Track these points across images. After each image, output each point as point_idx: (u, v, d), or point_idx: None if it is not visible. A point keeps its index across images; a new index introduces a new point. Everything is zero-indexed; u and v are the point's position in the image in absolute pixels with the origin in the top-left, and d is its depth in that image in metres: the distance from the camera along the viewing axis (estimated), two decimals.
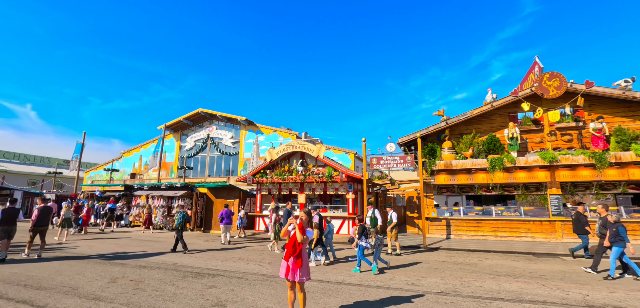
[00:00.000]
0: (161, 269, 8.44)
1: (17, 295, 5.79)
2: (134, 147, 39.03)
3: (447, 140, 14.58)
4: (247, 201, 18.43)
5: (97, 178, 38.66)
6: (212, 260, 9.97)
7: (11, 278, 6.99)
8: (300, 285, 4.94)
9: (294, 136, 33.53)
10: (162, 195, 18.49)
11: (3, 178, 35.93)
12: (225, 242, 13.62)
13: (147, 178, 37.27)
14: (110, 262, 9.34)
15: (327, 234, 10.13)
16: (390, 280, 7.72)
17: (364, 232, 8.52)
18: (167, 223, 18.45)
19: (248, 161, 34.66)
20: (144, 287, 6.61)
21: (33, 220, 10.03)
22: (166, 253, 11.01)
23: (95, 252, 11.04)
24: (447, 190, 15.26)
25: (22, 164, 42.60)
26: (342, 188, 15.77)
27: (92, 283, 6.80)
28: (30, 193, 24.66)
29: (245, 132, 35.48)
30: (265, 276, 7.90)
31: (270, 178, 16.66)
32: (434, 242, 13.24)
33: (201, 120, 37.29)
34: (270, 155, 16.96)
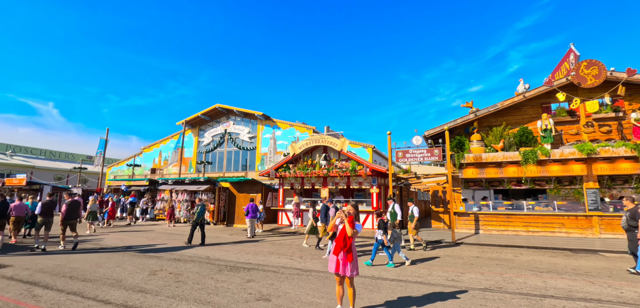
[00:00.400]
0: (195, 262, 8.50)
1: (66, 287, 5.91)
2: (154, 143, 39.77)
3: (475, 133, 14.18)
4: (269, 195, 18.48)
5: (119, 173, 39.59)
6: (242, 253, 10.01)
7: (56, 270, 7.15)
8: (350, 280, 4.84)
9: (311, 130, 33.45)
10: (186, 190, 18.73)
11: (31, 174, 37.19)
12: (250, 235, 13.70)
13: (167, 173, 37.97)
14: (145, 254, 9.49)
15: None
16: (428, 275, 7.55)
17: (385, 227, 8.50)
18: (190, 217, 18.71)
19: (265, 156, 34.84)
20: (184, 280, 6.65)
21: (63, 213, 10.41)
22: (196, 247, 11.12)
23: (126, 244, 11.26)
24: (474, 184, 14.88)
25: (48, 160, 44.12)
26: (366, 183, 15.59)
27: (134, 276, 6.89)
28: (58, 188, 25.46)
29: (262, 127, 35.62)
30: (300, 270, 7.85)
31: (292, 173, 16.63)
32: (463, 237, 12.94)
33: (218, 115, 37.63)
34: (292, 150, 16.92)
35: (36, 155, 44.38)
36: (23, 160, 39.36)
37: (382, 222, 8.56)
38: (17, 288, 5.71)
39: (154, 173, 38.31)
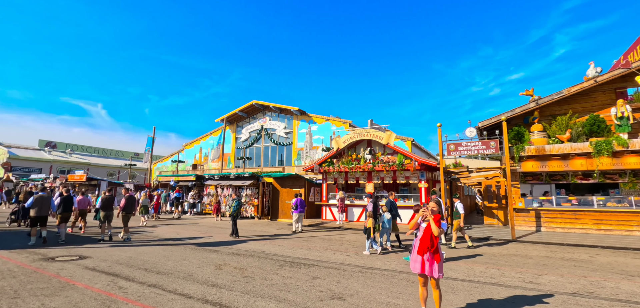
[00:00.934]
0: (254, 257, 8.59)
1: (145, 279, 6.14)
2: (194, 140, 41.42)
3: (536, 123, 13.14)
4: (311, 190, 18.47)
5: (163, 169, 41.73)
6: (296, 249, 10.01)
7: (130, 262, 7.50)
8: (436, 282, 4.55)
9: (347, 124, 33.12)
10: (231, 185, 19.21)
11: (87, 170, 40.17)
12: (296, 230, 13.76)
13: (207, 168, 39.44)
14: (204, 248, 9.76)
15: (383, 225, 9.93)
16: (501, 276, 7.05)
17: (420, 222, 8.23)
18: None
19: (301, 151, 35.04)
20: (251, 276, 6.69)
21: (121, 207, 11.18)
22: (249, 241, 11.31)
23: (180, 236, 11.69)
24: (533, 178, 13.84)
25: (101, 157, 47.58)
26: (414, 177, 15.05)
27: (202, 270, 7.05)
28: (114, 183, 27.24)
29: (297, 122, 35.81)
30: (361, 267, 7.66)
31: (336, 168, 16.45)
32: (523, 235, 12.08)
33: (255, 111, 38.36)
34: (336, 144, 16.73)
35: (91, 153, 48.00)
36: (80, 158, 42.79)
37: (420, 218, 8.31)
38: (103, 280, 6.01)
39: (195, 168, 39.95)
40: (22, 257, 7.80)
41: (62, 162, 40.36)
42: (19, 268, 6.61)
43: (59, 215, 10.62)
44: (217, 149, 32.13)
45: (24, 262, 7.21)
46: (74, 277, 6.13)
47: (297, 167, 33.71)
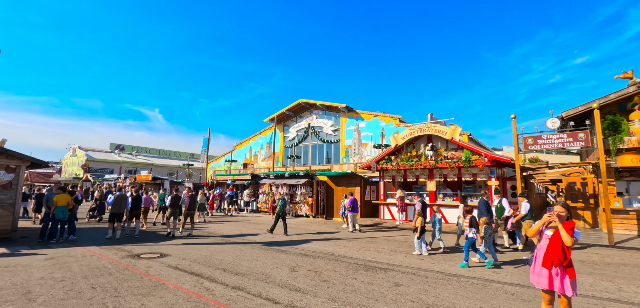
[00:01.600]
0: (324, 259, 8.32)
1: (227, 280, 6.12)
2: (245, 140, 42.85)
3: (637, 110, 11.29)
4: (367, 189, 17.93)
5: (217, 168, 43.76)
6: (363, 250, 9.59)
7: (208, 262, 7.63)
8: (568, 301, 3.83)
9: (397, 120, 31.91)
10: (286, 184, 19.35)
11: (150, 170, 43.37)
12: (353, 229, 13.44)
13: (257, 167, 40.61)
14: (270, 248, 9.73)
15: (434, 224, 9.65)
16: (619, 291, 5.97)
17: (475, 223, 7.72)
18: (290, 210, 19.28)
19: (350, 148, 34.53)
20: (330, 280, 6.40)
21: (186, 205, 11.84)
22: (312, 241, 11.12)
23: (242, 233, 11.84)
24: (630, 174, 11.96)
25: (162, 158, 51.42)
26: (482, 174, 13.83)
27: (278, 271, 6.92)
28: (175, 182, 29.04)
29: (345, 119, 35.33)
30: (443, 274, 7.00)
31: (395, 165, 15.73)
32: (624, 240, 10.43)
33: (302, 110, 38.60)
34: (394, 140, 15.99)
35: (153, 154, 52.09)
36: (144, 159, 46.67)
37: (474, 219, 7.76)
38: (189, 280, 6.09)
39: (246, 167, 41.34)
40: (111, 253, 8.32)
41: (129, 163, 44.27)
42: (112, 265, 6.99)
43: (130, 212, 11.54)
44: (269, 146, 32.83)
45: (114, 258, 7.66)
46: (161, 275, 6.31)
47: (345, 164, 33.30)
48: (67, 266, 6.82)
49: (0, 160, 9.90)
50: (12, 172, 10.05)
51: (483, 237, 7.80)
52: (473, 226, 7.69)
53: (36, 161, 10.60)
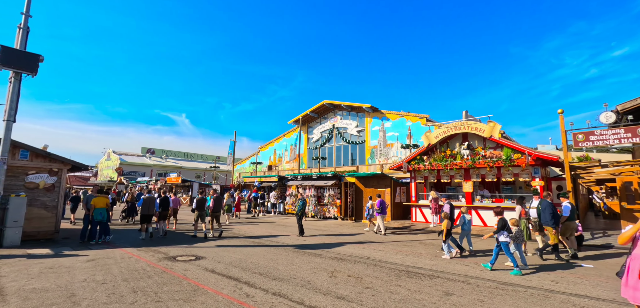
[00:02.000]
0: (362, 263, 7.92)
1: (266, 286, 5.87)
2: (269, 142, 43.12)
3: None
4: (397, 190, 17.32)
5: (242, 170, 44.33)
6: (401, 254, 9.09)
7: (243, 265, 7.43)
8: None
9: (424, 119, 30.93)
10: (313, 185, 19.09)
11: (179, 173, 44.53)
12: (380, 232, 13.06)
13: (281, 169, 40.74)
14: (304, 251, 9.44)
15: (464, 226, 9.30)
16: None
17: (506, 226, 7.31)
18: (318, 212, 18.98)
19: (375, 149, 33.86)
20: (373, 287, 5.99)
21: (211, 207, 11.85)
22: (345, 244, 10.74)
23: (270, 234, 11.63)
24: None
25: (190, 161, 52.86)
26: (525, 174, 12.90)
27: (316, 277, 6.60)
28: (203, 184, 29.56)
29: (370, 120, 34.69)
30: (495, 282, 6.40)
31: (428, 165, 15.04)
32: None
33: (326, 111, 38.32)
34: (427, 140, 15.31)
35: (181, 158, 53.66)
36: (174, 162, 48.18)
37: (503, 221, 7.35)
38: (227, 285, 5.89)
39: (270, 169, 41.56)
40: (148, 255, 8.34)
41: (160, 166, 45.80)
42: (150, 268, 6.94)
43: (159, 214, 11.78)
44: (294, 147, 32.81)
45: (151, 261, 7.64)
46: (200, 279, 6.16)
47: (371, 165, 32.68)
48: (108, 268, 6.83)
49: (44, 163, 10.26)
50: (55, 175, 10.39)
51: (513, 239, 7.36)
52: (504, 229, 7.28)
53: (76, 164, 10.94)
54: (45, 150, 11.07)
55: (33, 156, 10.12)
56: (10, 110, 9.25)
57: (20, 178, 9.80)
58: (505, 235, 7.24)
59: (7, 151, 9.12)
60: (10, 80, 9.35)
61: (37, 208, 9.92)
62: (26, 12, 9.65)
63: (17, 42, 9.48)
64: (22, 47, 9.46)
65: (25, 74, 9.40)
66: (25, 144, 9.99)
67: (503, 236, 7.23)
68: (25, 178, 9.88)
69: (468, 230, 9.38)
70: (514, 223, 7.51)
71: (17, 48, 9.38)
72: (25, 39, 9.58)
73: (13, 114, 9.29)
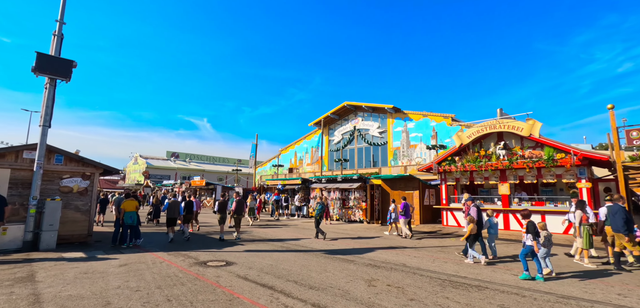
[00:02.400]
0: (399, 271, 7.43)
1: (303, 296, 5.52)
2: (289, 145, 43.08)
3: None
4: (426, 192, 16.62)
5: (263, 173, 44.52)
6: (438, 261, 8.52)
7: (276, 272, 7.12)
8: None
9: (449, 119, 29.86)
10: (338, 188, 18.67)
11: (202, 176, 45.24)
12: (407, 236, 12.65)
13: (302, 172, 40.56)
14: (335, 257, 9.04)
15: (490, 230, 8.97)
16: None
17: (535, 230, 6.92)
18: (343, 215, 18.55)
19: (398, 150, 33.05)
20: (419, 299, 5.50)
21: (232, 210, 12.09)
22: (377, 249, 10.25)
23: (296, 237, 11.29)
24: None
25: (212, 164, 53.73)
26: (569, 175, 11.95)
27: (354, 285, 6.18)
28: (226, 187, 29.77)
29: (392, 121, 33.92)
30: (552, 295, 5.76)
31: (460, 166, 14.29)
32: None
33: (346, 113, 37.82)
34: (459, 140, 14.56)
35: (204, 161, 54.66)
36: (197, 165, 49.14)
37: (531, 225, 6.98)
38: (263, 294, 5.58)
39: (291, 172, 41.47)
40: (179, 260, 8.19)
41: (184, 169, 46.78)
42: (182, 274, 6.76)
43: (183, 217, 12.01)
44: (316, 150, 32.58)
45: (183, 266, 7.47)
46: (233, 287, 5.88)
47: (394, 167, 31.91)
48: (140, 274, 6.70)
49: (78, 168, 10.41)
50: (88, 179, 10.52)
51: (543, 245, 6.92)
52: (530, 232, 6.92)
53: (108, 168, 11.06)
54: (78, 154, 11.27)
55: (67, 160, 10.29)
56: (46, 115, 9.42)
57: (55, 183, 9.97)
58: (531, 239, 6.86)
59: (43, 156, 9.29)
60: (45, 86, 9.54)
61: (71, 212, 10.05)
62: (60, 20, 9.84)
63: (52, 48, 9.67)
64: (56, 54, 9.63)
65: (60, 79, 9.56)
66: (59, 148, 10.17)
67: (529, 240, 6.89)
68: (60, 183, 10.04)
69: (495, 235, 9.02)
70: (541, 227, 7.10)
71: (52, 54, 9.56)
72: (59, 45, 9.76)
73: (48, 119, 9.46)
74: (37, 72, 9.13)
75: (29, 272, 6.68)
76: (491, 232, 8.99)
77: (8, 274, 6.47)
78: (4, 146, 9.21)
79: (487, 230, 8.98)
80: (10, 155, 9.35)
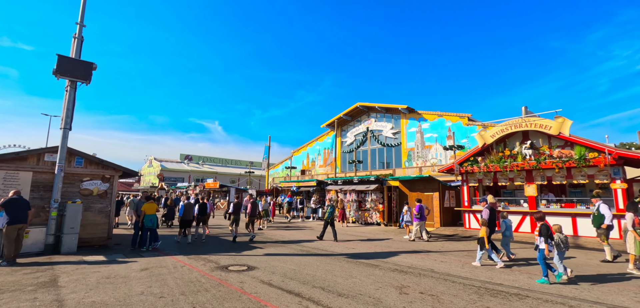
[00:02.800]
0: (429, 277, 7.04)
1: (332, 303, 5.20)
2: (301, 147, 42.89)
3: None
4: (446, 194, 16.11)
5: (275, 175, 44.45)
6: (467, 267, 8.08)
7: (300, 277, 6.84)
8: None
9: (466, 119, 29.14)
10: (354, 190, 18.31)
11: (215, 178, 45.42)
12: (424, 238, 12.45)
13: (315, 174, 40.29)
14: (357, 261, 8.71)
15: (505, 232, 8.79)
16: None
17: (549, 232, 6.73)
18: (359, 218, 18.17)
19: (412, 151, 32.45)
20: None
21: (248, 212, 12.32)
22: (399, 254, 9.86)
23: (309, 237, 10.99)
24: None
25: (225, 166, 54.01)
26: (602, 175, 11.31)
27: (384, 293, 5.83)
28: (240, 189, 29.73)
29: (406, 121, 33.33)
30: (602, 305, 5.30)
31: (483, 166, 13.75)
32: None
33: (359, 114, 37.41)
34: (482, 139, 14.03)
35: (217, 163, 55.00)
36: (209, 167, 49.46)
37: (545, 227, 6.75)
38: (291, 302, 5.30)
39: (304, 174, 41.26)
40: (200, 264, 8.00)
41: (197, 172, 47.15)
42: (205, 279, 6.54)
43: (197, 218, 12.04)
44: (326, 154, 32.31)
45: (204, 271, 7.26)
46: (259, 294, 5.62)
47: (408, 168, 31.35)
48: (162, 279, 6.51)
49: (98, 170, 10.38)
50: (107, 182, 10.48)
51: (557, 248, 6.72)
52: (543, 235, 6.73)
53: (127, 171, 11.02)
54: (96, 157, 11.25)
55: (87, 163, 10.27)
56: (67, 118, 9.40)
57: (76, 185, 9.94)
58: (543, 242, 6.68)
59: (63, 159, 9.26)
60: (66, 89, 9.53)
61: (91, 215, 10.01)
62: (80, 22, 9.83)
63: (72, 51, 9.66)
64: (76, 56, 9.62)
65: (80, 82, 9.54)
66: (80, 151, 10.16)
67: (542, 243, 6.69)
68: (80, 185, 10.01)
69: (510, 236, 8.86)
70: (557, 230, 6.86)
71: (72, 57, 9.54)
72: (79, 48, 9.75)
73: (69, 121, 9.44)
74: (58, 74, 9.11)
75: (52, 276, 6.57)
76: (506, 234, 8.76)
77: (31, 278, 6.37)
78: (25, 149, 9.27)
79: (503, 233, 8.79)
80: (32, 158, 9.37)
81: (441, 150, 30.22)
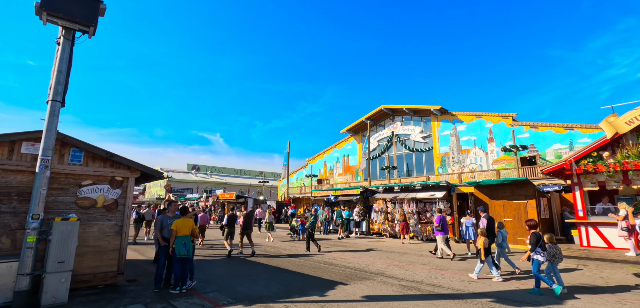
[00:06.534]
0: None
1: None
2: (318, 154, 39.47)
3: None
4: (541, 202, 12.56)
5: (290, 185, 40.76)
6: None
7: None
8: None
9: (510, 119, 25.87)
10: (415, 198, 14.71)
11: (224, 189, 41.62)
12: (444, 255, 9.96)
13: (333, 182, 36.71)
14: (476, 301, 5.12)
15: (501, 243, 7.83)
16: None
17: (540, 242, 6.04)
18: (419, 232, 14.56)
19: (446, 156, 29.03)
20: None
21: (240, 225, 10.78)
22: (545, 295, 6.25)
23: (385, 268, 7.36)
24: None
25: (234, 176, 50.24)
26: None
27: None
28: (258, 200, 26.05)
29: (438, 124, 30.00)
30: None
31: (611, 164, 10.27)
32: None
33: (383, 117, 34.11)
34: (611, 128, 10.46)
35: (225, 173, 51.26)
36: (218, 178, 45.71)
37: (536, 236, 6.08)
38: None
39: (321, 183, 37.68)
40: None
41: (205, 182, 43.33)
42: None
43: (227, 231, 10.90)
44: (345, 161, 28.78)
45: None
46: None
47: (441, 175, 27.87)
48: None
49: (104, 169, 6.71)
50: (118, 187, 6.82)
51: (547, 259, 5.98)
52: (531, 244, 6.07)
53: (147, 170, 7.23)
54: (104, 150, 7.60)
55: (88, 158, 6.60)
56: (58, 85, 5.80)
57: (70, 192, 6.27)
58: (540, 253, 6.03)
59: (50, 148, 5.61)
60: (58, 41, 5.95)
61: (94, 238, 6.32)
62: None
63: None
64: None
65: (80, 30, 5.99)
66: (78, 139, 6.49)
67: (538, 254, 6.02)
68: (78, 192, 6.34)
69: (506, 248, 8.12)
70: (548, 240, 6.17)
71: None
72: None
73: (61, 90, 5.83)
74: (44, 14, 5.56)
75: None
76: (503, 245, 7.91)
77: None
78: None
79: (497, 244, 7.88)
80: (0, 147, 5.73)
81: (482, 154, 26.87)
